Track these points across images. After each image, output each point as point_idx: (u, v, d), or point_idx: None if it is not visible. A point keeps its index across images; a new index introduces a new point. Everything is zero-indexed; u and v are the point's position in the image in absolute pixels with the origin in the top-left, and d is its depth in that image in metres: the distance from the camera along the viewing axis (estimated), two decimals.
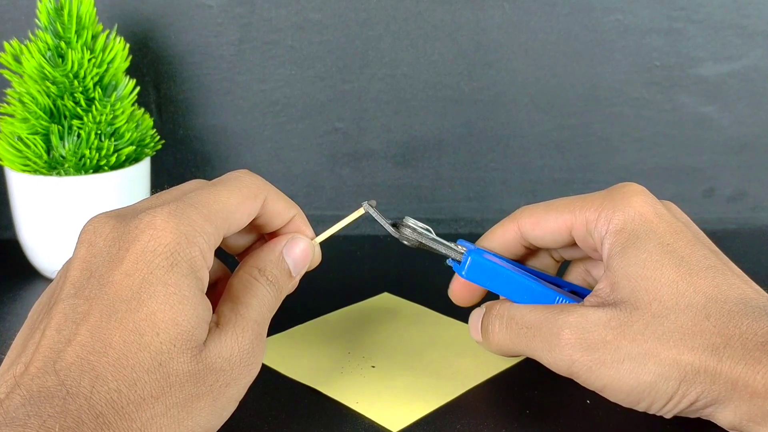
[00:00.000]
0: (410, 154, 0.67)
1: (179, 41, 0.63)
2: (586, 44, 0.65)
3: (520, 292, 0.38)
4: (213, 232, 0.33)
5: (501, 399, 0.41)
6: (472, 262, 0.39)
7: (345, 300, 0.52)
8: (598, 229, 0.37)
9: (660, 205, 0.37)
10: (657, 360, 0.33)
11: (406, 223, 0.40)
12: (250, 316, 0.34)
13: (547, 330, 0.36)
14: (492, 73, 0.65)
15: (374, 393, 0.41)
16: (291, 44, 0.64)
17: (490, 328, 0.39)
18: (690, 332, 0.33)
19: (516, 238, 0.40)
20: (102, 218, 0.33)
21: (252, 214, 0.36)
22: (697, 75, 0.65)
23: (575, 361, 0.35)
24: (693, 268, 0.35)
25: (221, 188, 0.34)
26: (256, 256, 0.37)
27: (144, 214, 0.32)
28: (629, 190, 0.37)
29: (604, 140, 0.67)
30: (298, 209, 0.38)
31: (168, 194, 0.35)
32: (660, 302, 0.34)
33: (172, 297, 0.30)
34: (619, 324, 0.34)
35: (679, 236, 0.36)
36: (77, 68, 0.52)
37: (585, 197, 0.38)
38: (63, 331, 0.30)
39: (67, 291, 0.31)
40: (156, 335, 0.30)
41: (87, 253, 0.32)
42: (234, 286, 0.35)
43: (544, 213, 0.39)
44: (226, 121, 0.65)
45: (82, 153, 0.52)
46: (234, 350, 0.32)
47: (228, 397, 0.32)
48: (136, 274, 0.30)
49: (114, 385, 0.29)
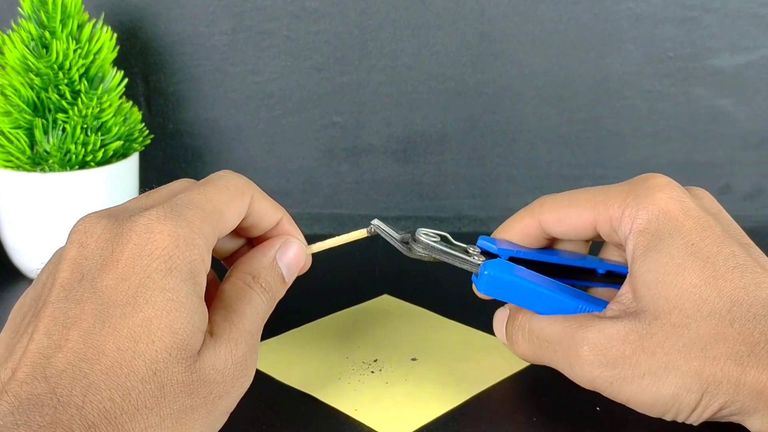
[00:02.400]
0: (411, 149, 0.67)
1: (169, 31, 0.63)
2: (596, 34, 0.64)
3: (540, 304, 0.38)
4: (210, 234, 0.33)
5: (507, 406, 0.41)
6: (488, 278, 0.38)
7: (342, 302, 0.52)
8: (622, 228, 0.36)
9: (687, 197, 0.36)
10: (678, 372, 0.34)
11: (418, 237, 0.40)
12: (244, 326, 0.34)
13: (566, 346, 0.36)
14: (497, 64, 0.65)
15: (374, 400, 0.41)
16: (286, 34, 0.64)
17: (513, 338, 0.39)
18: (713, 341, 0.33)
19: (538, 233, 0.40)
20: (93, 218, 0.33)
21: (241, 213, 0.36)
22: (713, 66, 0.65)
23: (596, 377, 0.35)
24: (719, 269, 0.34)
25: (210, 188, 0.35)
26: (249, 261, 0.37)
27: (138, 215, 0.32)
28: (653, 183, 0.37)
29: (615, 135, 0.67)
30: (285, 211, 0.38)
31: (157, 194, 0.35)
32: (681, 310, 0.34)
33: (169, 303, 0.30)
34: (639, 337, 0.34)
35: (706, 233, 0.35)
36: (62, 59, 0.52)
37: (607, 191, 0.38)
38: (53, 335, 0.30)
39: (57, 293, 0.31)
40: (152, 343, 0.30)
41: (78, 254, 0.32)
42: (226, 293, 0.35)
43: (564, 209, 0.39)
44: (219, 115, 0.65)
45: (67, 148, 0.52)
46: (228, 363, 0.32)
47: (221, 409, 0.32)
48: (132, 278, 0.30)
49: (107, 394, 0.28)
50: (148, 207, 0.33)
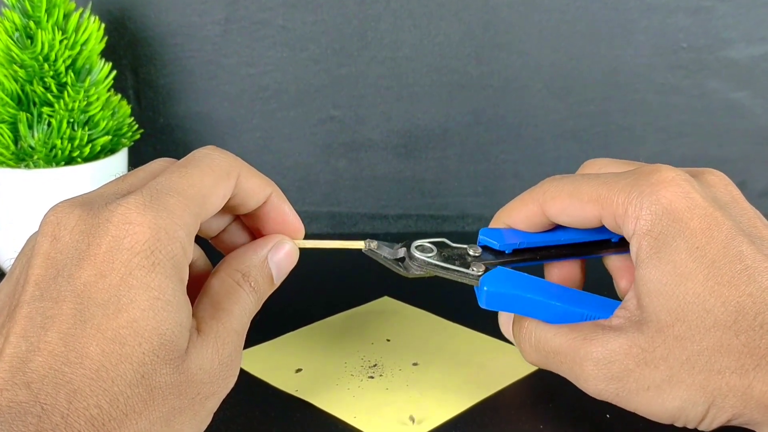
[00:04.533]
0: (413, 144, 0.67)
1: (159, 21, 0.63)
2: (605, 24, 0.64)
3: (544, 314, 0.38)
4: (192, 222, 0.32)
5: (513, 413, 0.41)
6: (488, 294, 0.38)
7: (341, 304, 0.52)
8: (627, 226, 0.36)
9: (695, 191, 0.36)
10: (683, 386, 0.34)
11: (413, 255, 0.39)
12: (232, 325, 0.34)
13: (571, 359, 0.37)
14: (502, 55, 0.65)
15: (373, 407, 0.41)
16: (282, 24, 0.63)
17: (521, 345, 0.40)
18: (717, 353, 0.33)
19: (542, 219, 0.40)
20: (66, 207, 0.32)
21: (227, 195, 0.35)
22: (728, 58, 0.65)
23: (601, 390, 0.36)
24: (724, 275, 0.34)
25: (192, 169, 0.34)
26: (240, 257, 0.37)
27: (115, 204, 0.31)
28: (658, 178, 0.36)
29: (626, 129, 0.67)
30: (275, 186, 0.38)
31: (134, 177, 0.35)
32: (684, 322, 0.34)
33: (155, 303, 0.30)
34: (642, 351, 0.35)
35: (713, 232, 0.35)
36: (47, 50, 0.51)
37: (611, 184, 0.37)
38: (30, 337, 0.29)
39: (32, 292, 0.30)
40: (138, 345, 0.29)
41: (51, 248, 0.31)
42: (214, 289, 0.35)
43: (568, 199, 0.39)
44: (211, 109, 0.65)
45: (52, 143, 0.52)
46: (214, 362, 0.32)
47: (207, 410, 0.33)
48: (112, 275, 0.30)
49: (93, 400, 0.28)
50: (125, 193, 0.32)
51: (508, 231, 0.41)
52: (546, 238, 0.41)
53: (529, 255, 0.41)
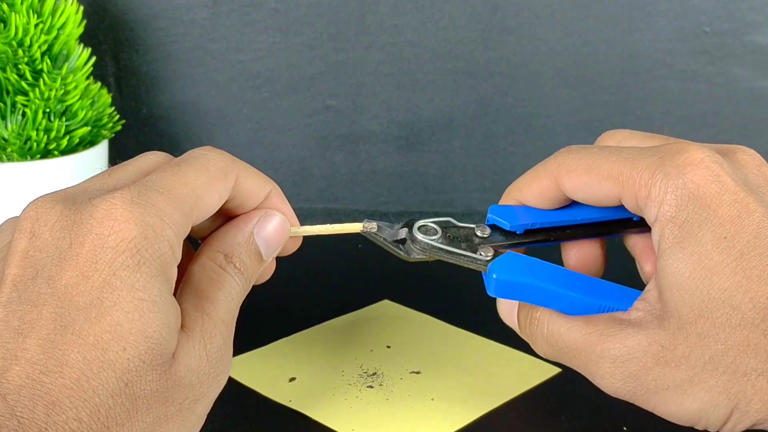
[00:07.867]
0: (415, 136, 0.67)
1: (142, 3, 0.63)
2: (623, 6, 0.64)
3: (558, 304, 0.38)
4: (182, 222, 0.32)
5: (522, 425, 0.41)
6: (497, 282, 0.38)
7: (338, 308, 0.52)
8: (649, 210, 0.36)
9: (725, 173, 0.35)
10: (704, 387, 0.34)
11: (415, 237, 0.39)
12: (218, 315, 0.33)
13: (586, 356, 0.36)
14: (511, 40, 0.65)
15: (372, 419, 0.41)
16: (274, 7, 0.63)
17: (532, 338, 0.39)
18: (743, 354, 0.33)
19: (557, 195, 0.40)
20: (46, 202, 0.32)
21: (223, 197, 0.35)
22: (753, 43, 0.65)
23: (618, 388, 0.36)
24: (753, 269, 0.34)
25: (187, 168, 0.34)
26: (221, 237, 0.36)
27: (99, 200, 0.31)
28: (686, 159, 0.35)
29: (644, 119, 0.67)
30: (274, 184, 0.37)
31: (122, 172, 0.34)
32: (708, 319, 0.34)
33: (140, 304, 0.30)
34: (662, 348, 0.34)
35: (744, 221, 0.34)
36: (22, 35, 0.51)
37: (634, 161, 0.37)
38: (7, 344, 0.29)
39: (8, 294, 0.30)
40: (122, 350, 0.29)
41: (29, 245, 0.31)
42: (195, 276, 0.34)
43: (585, 174, 0.38)
44: (198, 98, 0.65)
45: (27, 135, 0.52)
46: (202, 360, 0.32)
47: (198, 414, 0.32)
48: (95, 276, 0.30)
49: (73, 413, 0.28)
50: (111, 188, 0.32)
51: (520, 208, 0.41)
52: (560, 216, 0.40)
53: (542, 236, 0.41)
